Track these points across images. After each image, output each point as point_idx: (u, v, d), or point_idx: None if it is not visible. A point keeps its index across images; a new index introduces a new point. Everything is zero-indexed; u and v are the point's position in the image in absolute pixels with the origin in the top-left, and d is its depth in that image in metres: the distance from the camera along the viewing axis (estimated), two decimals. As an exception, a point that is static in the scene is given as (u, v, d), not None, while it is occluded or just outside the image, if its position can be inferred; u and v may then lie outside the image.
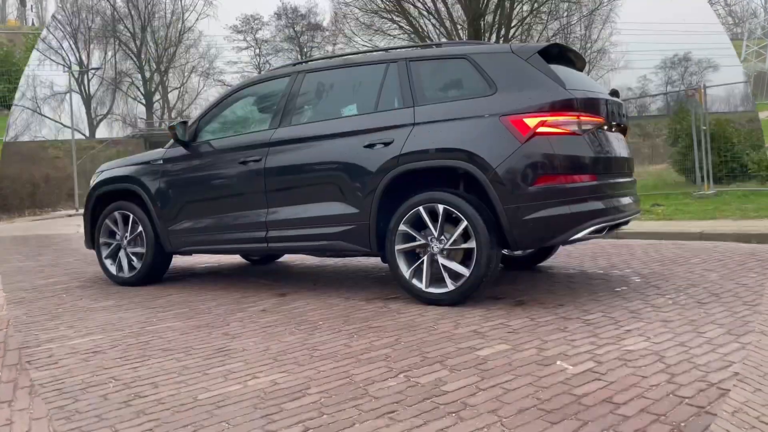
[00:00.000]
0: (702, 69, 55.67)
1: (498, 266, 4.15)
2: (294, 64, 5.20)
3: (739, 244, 6.69)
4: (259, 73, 52.18)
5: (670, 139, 17.74)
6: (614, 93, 4.57)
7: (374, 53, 4.98)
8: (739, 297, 3.96)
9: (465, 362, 2.91)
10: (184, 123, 5.25)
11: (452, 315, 3.85)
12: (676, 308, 3.76)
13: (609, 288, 4.45)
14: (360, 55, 5.01)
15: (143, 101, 54.02)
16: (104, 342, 3.66)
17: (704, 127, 11.59)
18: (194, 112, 56.19)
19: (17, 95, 42.59)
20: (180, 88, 55.88)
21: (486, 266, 3.97)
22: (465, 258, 4.12)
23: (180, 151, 5.29)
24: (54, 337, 3.83)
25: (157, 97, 54.64)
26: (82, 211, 6.25)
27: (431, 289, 4.15)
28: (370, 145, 4.33)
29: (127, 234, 5.56)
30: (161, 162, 5.39)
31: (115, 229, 5.64)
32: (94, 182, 5.87)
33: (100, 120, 53.97)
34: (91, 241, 5.88)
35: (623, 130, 4.72)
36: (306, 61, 5.29)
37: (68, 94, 42.53)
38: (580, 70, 4.81)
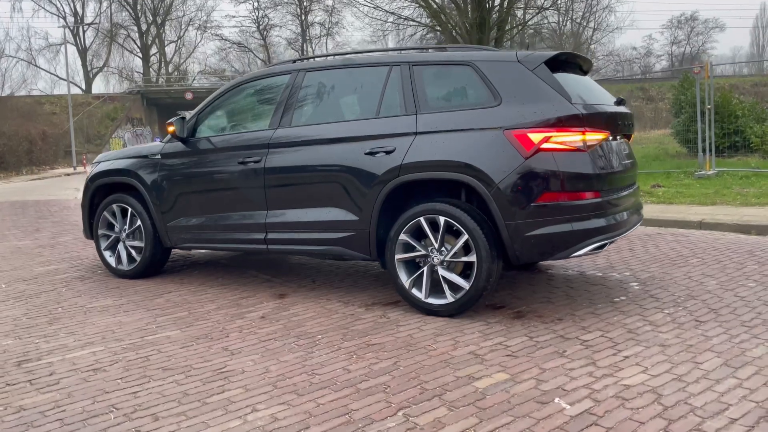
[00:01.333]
0: (708, 29, 54.83)
1: (498, 279, 4.14)
2: (294, 61, 5.08)
3: (738, 236, 6.70)
4: (258, 28, 51.15)
5: (674, 110, 17.58)
6: (620, 102, 4.47)
7: (376, 54, 4.85)
8: (737, 315, 3.97)
9: (464, 397, 2.93)
10: (182, 118, 5.16)
11: (451, 330, 3.86)
12: (673, 328, 3.77)
13: (607, 298, 4.46)
14: (362, 55, 4.88)
15: (140, 54, 53.18)
16: (104, 355, 3.68)
17: (709, 106, 11.43)
18: (191, 66, 55.29)
19: None
20: (177, 41, 55.00)
21: (486, 280, 3.96)
22: (465, 269, 4.12)
23: (178, 146, 5.22)
24: (54, 348, 3.85)
25: (153, 50, 53.77)
26: (80, 169, 6.22)
27: (430, 300, 4.15)
28: (372, 153, 4.26)
29: (126, 227, 5.54)
30: (159, 157, 5.32)
31: (113, 221, 5.62)
32: (92, 173, 5.81)
33: (96, 73, 53.28)
34: (90, 231, 5.87)
35: (628, 136, 4.66)
36: (307, 58, 5.16)
37: (63, 47, 41.83)
38: (587, 72, 4.72)
